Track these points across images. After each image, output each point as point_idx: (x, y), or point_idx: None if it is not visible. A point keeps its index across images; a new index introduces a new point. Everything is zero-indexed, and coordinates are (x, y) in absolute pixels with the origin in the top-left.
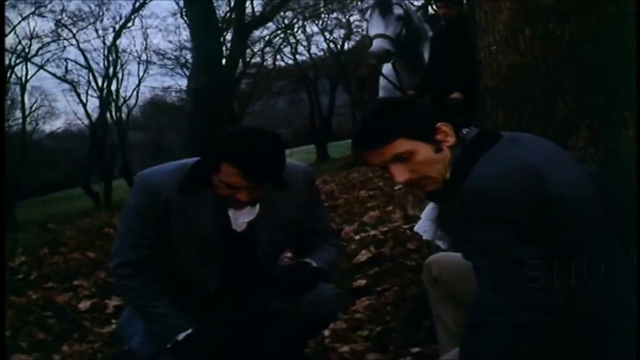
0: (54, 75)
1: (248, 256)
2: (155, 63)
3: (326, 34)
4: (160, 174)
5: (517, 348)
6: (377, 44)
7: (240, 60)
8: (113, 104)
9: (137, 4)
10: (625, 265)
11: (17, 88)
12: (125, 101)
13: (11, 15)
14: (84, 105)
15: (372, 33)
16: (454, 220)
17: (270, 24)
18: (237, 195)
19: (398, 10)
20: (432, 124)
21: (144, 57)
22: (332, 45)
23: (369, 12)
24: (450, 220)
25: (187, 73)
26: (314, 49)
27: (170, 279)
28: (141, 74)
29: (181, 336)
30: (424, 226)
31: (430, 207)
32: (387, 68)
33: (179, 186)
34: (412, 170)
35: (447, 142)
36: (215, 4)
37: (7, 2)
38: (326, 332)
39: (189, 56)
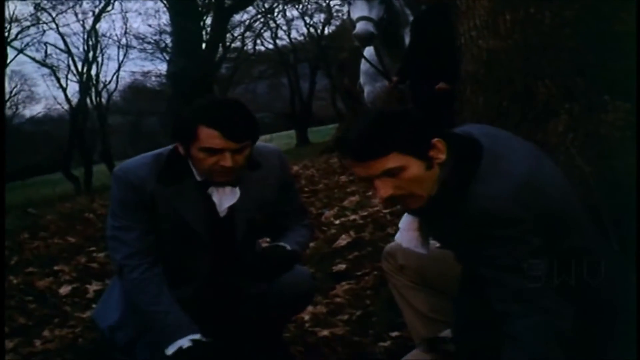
0: (33, 59)
1: (230, 240)
2: (135, 47)
3: (306, 18)
4: (139, 167)
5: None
6: (360, 26)
7: (220, 44)
8: (93, 89)
9: None
10: (612, 255)
11: None
12: (105, 86)
13: None
14: (64, 90)
15: (355, 15)
16: (456, 237)
17: (250, 8)
18: (221, 162)
19: None
20: (428, 139)
21: (123, 41)
22: (312, 29)
23: None
24: (451, 236)
25: (167, 57)
26: (294, 34)
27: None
28: (121, 58)
29: (185, 343)
30: (404, 237)
31: (408, 217)
32: (368, 52)
33: (159, 177)
34: (399, 186)
35: (439, 159)
36: None
37: None
38: (306, 317)
39: (168, 40)
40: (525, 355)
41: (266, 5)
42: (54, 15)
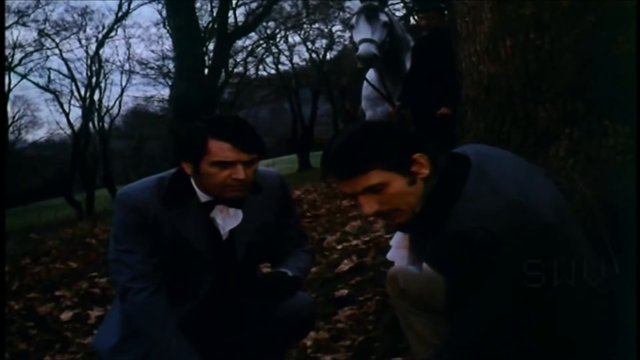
0: (36, 84)
1: (231, 261)
2: (138, 72)
3: (308, 44)
4: (142, 190)
5: None
6: (363, 47)
7: (223, 69)
8: (96, 113)
9: (120, 14)
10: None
11: None
12: (107, 110)
13: None
14: (67, 115)
15: (358, 38)
16: (438, 255)
17: (252, 33)
18: (234, 175)
19: (383, 18)
20: (410, 154)
21: (126, 66)
22: (314, 55)
23: (354, 18)
24: (434, 254)
25: (170, 82)
26: (296, 59)
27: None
28: (124, 83)
29: None
30: (396, 255)
31: (399, 235)
32: (370, 77)
33: (162, 200)
34: (383, 202)
35: (422, 174)
36: (197, 14)
37: None
38: (308, 342)
39: (171, 66)
40: None
41: (268, 31)
42: (57, 41)
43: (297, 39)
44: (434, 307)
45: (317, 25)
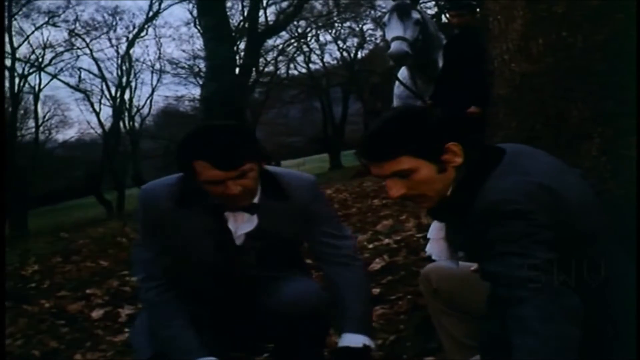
0: (67, 84)
1: (245, 266)
2: (168, 72)
3: (339, 42)
4: (159, 187)
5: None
6: (395, 45)
7: (254, 69)
8: (126, 113)
9: (151, 14)
10: (627, 270)
11: (31, 97)
12: (138, 110)
13: (25, 25)
14: (97, 115)
15: (390, 36)
16: (468, 239)
17: (283, 32)
18: (227, 192)
19: (416, 15)
20: (442, 143)
21: (157, 66)
22: (345, 54)
23: (387, 16)
24: (465, 239)
25: (200, 82)
26: (327, 58)
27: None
28: (154, 83)
29: None
30: (434, 247)
31: (435, 225)
32: (402, 75)
33: (177, 200)
34: (410, 187)
35: (454, 162)
36: (228, 13)
37: (20, 12)
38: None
39: (202, 65)
40: (535, 335)
41: (299, 30)
42: (88, 40)
43: (328, 37)
44: (465, 308)
45: (348, 23)
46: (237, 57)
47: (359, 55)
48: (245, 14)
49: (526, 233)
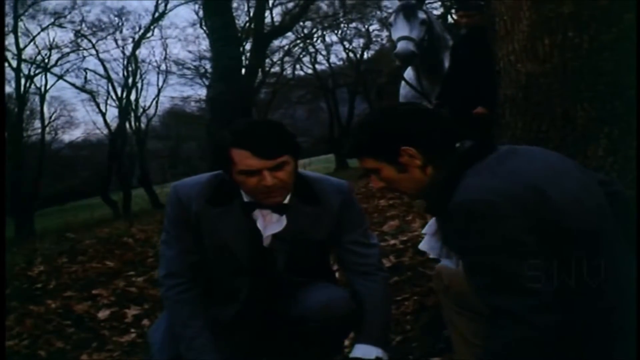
0: (73, 85)
1: (271, 269)
2: (174, 73)
3: (345, 43)
4: (191, 185)
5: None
6: (401, 45)
7: (260, 69)
8: (132, 114)
9: (157, 15)
10: (633, 270)
11: (37, 98)
12: (144, 111)
13: (31, 26)
14: (103, 115)
15: (396, 36)
16: (448, 237)
17: (289, 33)
18: (262, 183)
19: (422, 15)
20: (396, 147)
21: (163, 67)
22: (351, 54)
23: (392, 16)
24: (446, 237)
25: (207, 83)
26: (333, 59)
27: (206, 291)
28: (160, 83)
29: None
30: (426, 242)
31: (431, 221)
32: (408, 76)
33: (208, 198)
34: (383, 181)
35: (413, 164)
36: (234, 14)
37: (26, 13)
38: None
39: (208, 66)
40: (498, 343)
41: (305, 31)
42: (94, 41)
43: (334, 38)
44: (475, 308)
45: (354, 24)
46: (244, 58)
47: (365, 55)
48: (251, 14)
49: (491, 235)
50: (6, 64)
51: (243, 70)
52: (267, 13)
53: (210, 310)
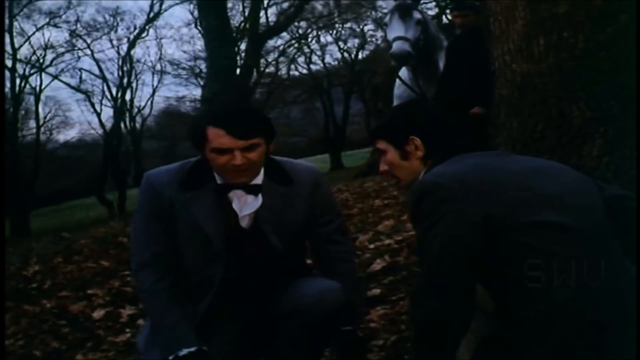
0: (68, 85)
1: (254, 252)
2: (169, 73)
3: (340, 43)
4: (162, 172)
5: None
6: (397, 45)
7: (255, 69)
8: (127, 114)
9: (152, 15)
10: (625, 273)
11: (32, 98)
12: (139, 111)
13: (26, 25)
14: (98, 115)
15: (391, 36)
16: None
17: (284, 33)
18: (232, 162)
19: (417, 15)
20: (406, 135)
21: (158, 67)
22: (346, 54)
23: (388, 16)
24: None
25: (202, 83)
26: (328, 59)
27: (180, 279)
28: (155, 83)
29: (183, 352)
30: None
31: None
32: (403, 75)
33: (180, 183)
34: (386, 164)
35: (415, 154)
36: (229, 14)
37: (21, 13)
38: None
39: (203, 66)
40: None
41: (300, 31)
42: (89, 41)
43: (329, 38)
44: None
45: (349, 24)
46: (238, 58)
47: (360, 55)
48: (246, 14)
49: (435, 215)
50: None
51: (238, 70)
52: (262, 13)
53: (187, 303)
